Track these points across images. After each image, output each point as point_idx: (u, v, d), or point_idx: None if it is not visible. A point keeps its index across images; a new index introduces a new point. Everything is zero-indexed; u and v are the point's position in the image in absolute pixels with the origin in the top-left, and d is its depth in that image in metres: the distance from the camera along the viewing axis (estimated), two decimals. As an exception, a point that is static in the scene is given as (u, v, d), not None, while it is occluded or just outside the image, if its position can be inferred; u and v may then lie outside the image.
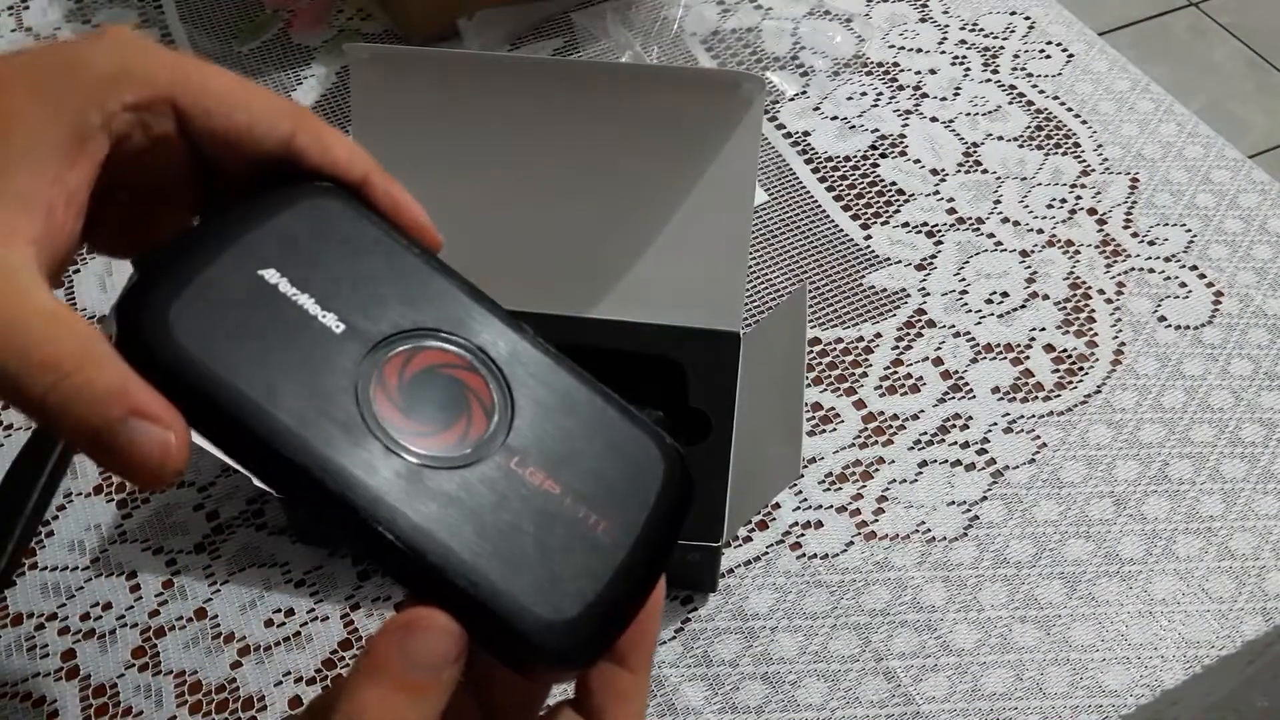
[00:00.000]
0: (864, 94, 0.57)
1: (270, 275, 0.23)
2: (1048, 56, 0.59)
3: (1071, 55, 0.59)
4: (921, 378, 0.46)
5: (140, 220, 0.27)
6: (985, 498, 0.43)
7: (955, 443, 0.44)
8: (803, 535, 0.42)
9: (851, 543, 0.41)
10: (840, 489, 0.43)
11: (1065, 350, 0.47)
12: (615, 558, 0.23)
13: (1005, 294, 0.49)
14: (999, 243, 0.51)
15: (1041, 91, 0.57)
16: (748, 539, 0.41)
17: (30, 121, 0.22)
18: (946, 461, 0.44)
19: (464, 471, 0.23)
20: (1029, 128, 0.56)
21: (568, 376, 0.25)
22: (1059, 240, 0.51)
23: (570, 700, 0.24)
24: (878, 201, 0.53)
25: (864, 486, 0.43)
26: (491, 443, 0.23)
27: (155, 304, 0.22)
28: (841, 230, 0.51)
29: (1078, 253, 0.50)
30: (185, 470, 0.22)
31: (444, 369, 0.24)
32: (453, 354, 0.24)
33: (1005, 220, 0.52)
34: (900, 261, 0.50)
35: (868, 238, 0.51)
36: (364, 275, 0.25)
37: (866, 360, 0.47)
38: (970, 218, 0.52)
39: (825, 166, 0.54)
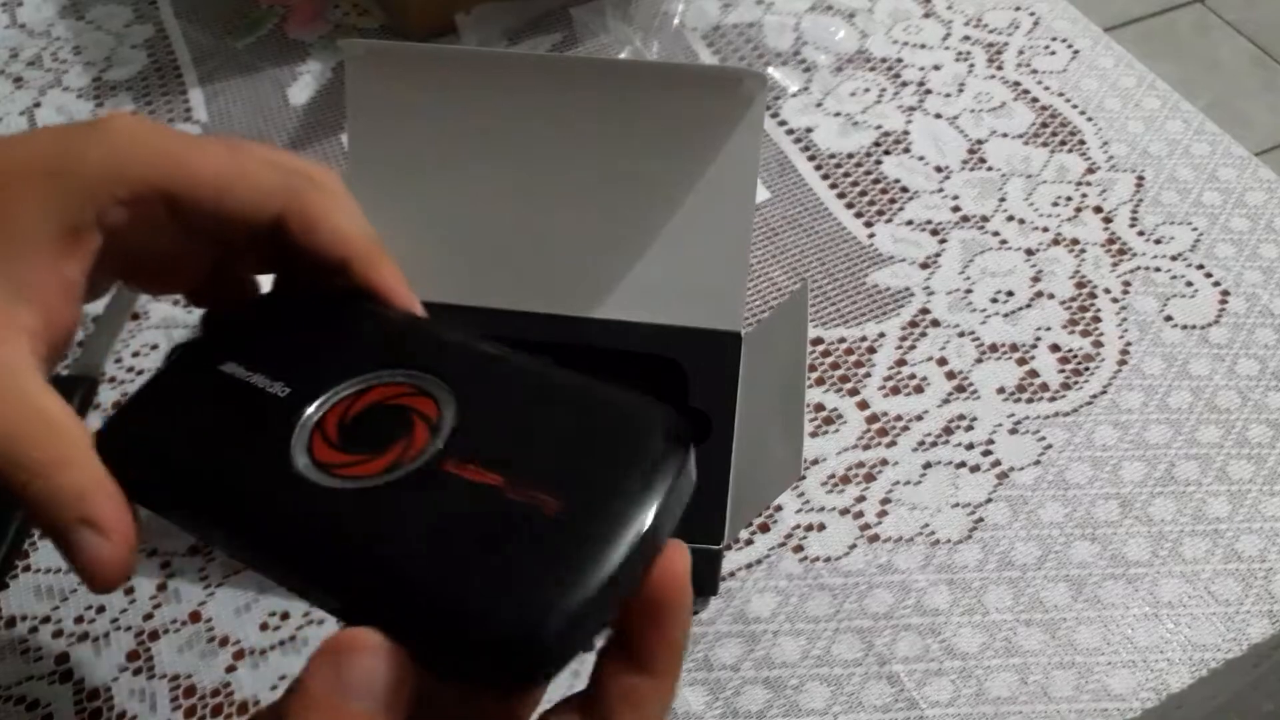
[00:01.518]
0: (867, 90, 0.57)
1: (229, 368, 0.25)
2: (1053, 53, 0.58)
3: (1077, 51, 0.59)
4: (925, 378, 0.46)
5: (167, 268, 0.28)
6: (990, 499, 0.42)
7: (960, 444, 0.44)
8: (805, 538, 0.41)
9: (854, 545, 0.41)
10: (843, 491, 0.42)
11: (1071, 350, 0.47)
12: (577, 538, 0.20)
13: (1010, 293, 0.48)
14: (1004, 241, 0.50)
15: (1046, 88, 0.57)
16: (749, 541, 0.41)
17: (27, 217, 0.24)
18: (951, 463, 0.43)
19: (396, 487, 0.22)
20: (1034, 124, 0.55)
21: (532, 375, 0.24)
22: (1064, 238, 0.50)
23: (579, 695, 0.22)
24: (881, 199, 0.52)
25: (867, 488, 0.42)
26: (427, 455, 0.22)
27: (129, 421, 0.25)
28: (844, 228, 0.51)
29: (1083, 251, 0.50)
30: (124, 580, 0.23)
31: (390, 401, 0.24)
32: (401, 386, 0.24)
33: (1010, 218, 0.51)
34: (904, 260, 0.50)
35: (871, 236, 0.51)
36: (321, 346, 0.25)
37: (870, 360, 0.46)
38: (975, 215, 0.51)
39: (828, 163, 0.54)
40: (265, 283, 0.30)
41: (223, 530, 0.23)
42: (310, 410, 0.24)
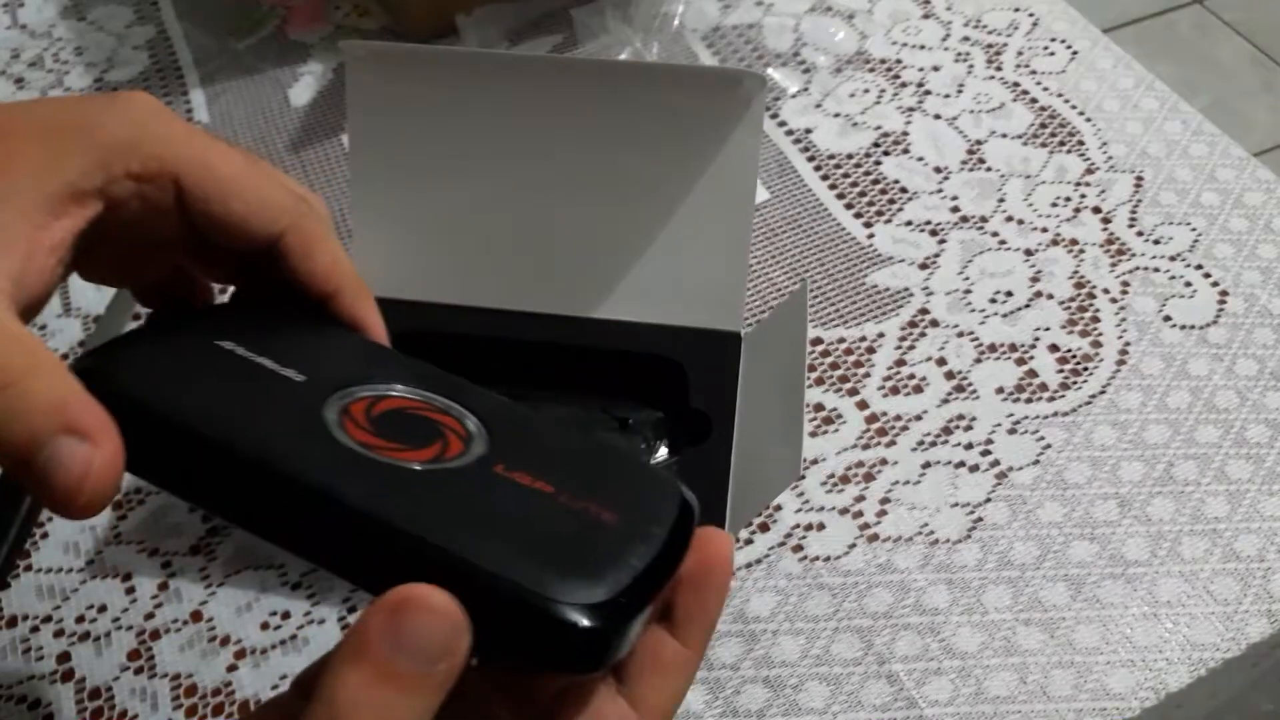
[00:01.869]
0: (866, 91, 0.57)
1: (227, 344, 0.24)
2: (1051, 54, 0.59)
3: (1076, 52, 0.59)
4: (925, 378, 0.46)
5: (133, 259, 0.27)
6: (989, 499, 0.42)
7: (959, 444, 0.44)
8: (804, 537, 0.41)
9: (854, 545, 0.41)
10: (842, 490, 0.42)
11: (1070, 350, 0.47)
12: (631, 541, 0.21)
13: (1009, 293, 0.48)
14: (1003, 241, 0.50)
15: (1045, 89, 0.57)
16: (749, 541, 0.41)
17: (28, 169, 0.23)
18: (950, 463, 0.43)
19: (447, 476, 0.21)
20: (1033, 125, 0.55)
21: (549, 422, 0.24)
22: (1063, 239, 0.50)
23: None
24: (880, 200, 0.52)
25: (866, 488, 0.42)
26: (473, 456, 0.22)
27: (112, 356, 0.23)
28: (844, 228, 0.51)
29: (1082, 251, 0.50)
30: (108, 500, 0.20)
31: (412, 410, 0.23)
32: (421, 402, 0.23)
33: (1009, 219, 0.51)
34: (903, 260, 0.50)
35: (870, 236, 0.51)
36: (325, 348, 0.25)
37: (869, 360, 0.46)
38: (974, 216, 0.51)
39: (827, 164, 0.54)
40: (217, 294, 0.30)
41: (241, 488, 0.21)
42: (334, 400, 0.23)
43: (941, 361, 0.46)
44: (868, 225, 0.51)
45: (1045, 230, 0.51)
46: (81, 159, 0.23)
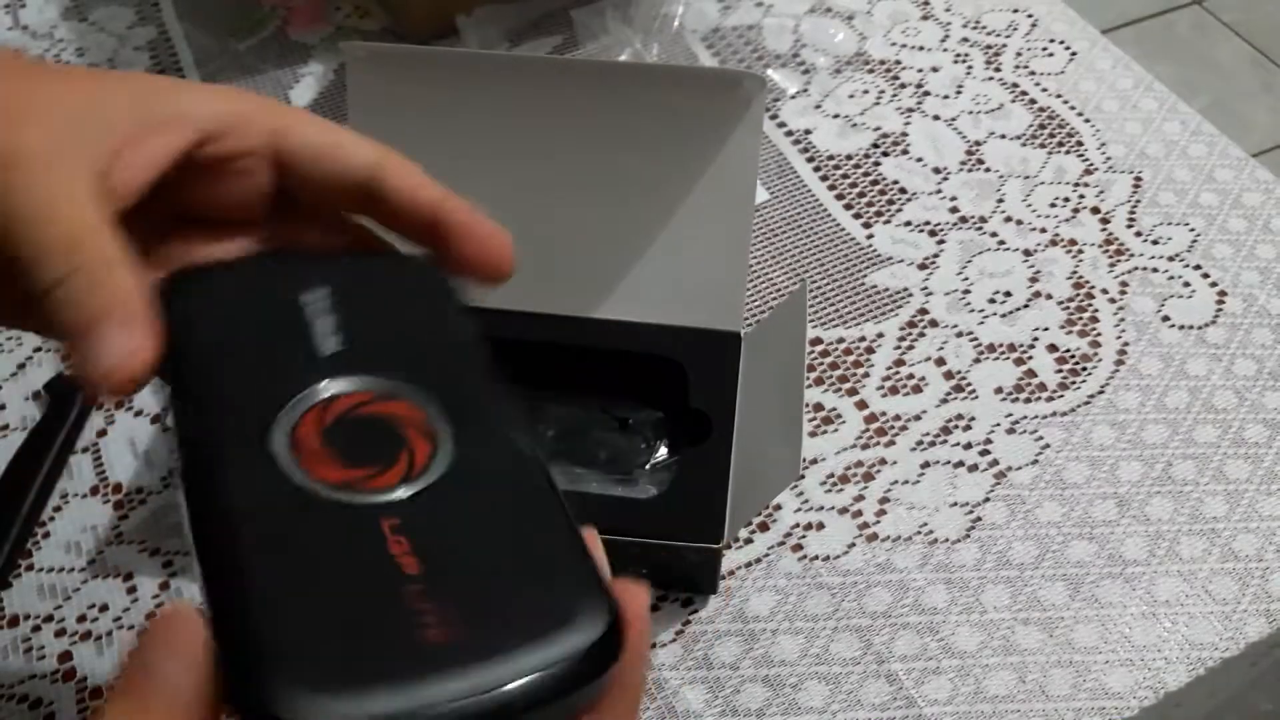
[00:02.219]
0: (866, 92, 0.57)
1: (307, 296, 0.24)
2: (1050, 54, 0.59)
3: (1075, 53, 0.59)
4: (924, 378, 0.46)
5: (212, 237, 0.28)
6: (988, 499, 0.42)
7: (958, 443, 0.44)
8: (804, 537, 0.41)
9: (853, 544, 0.41)
10: (842, 490, 0.42)
11: (1068, 350, 0.47)
12: (430, 672, 0.18)
13: (1008, 293, 0.49)
14: (1002, 242, 0.51)
15: (1044, 90, 0.57)
16: (748, 540, 0.41)
17: (127, 90, 0.25)
18: (949, 462, 0.43)
19: (333, 509, 0.20)
20: (1032, 126, 0.55)
21: (535, 490, 0.22)
22: (1062, 239, 0.51)
23: None
24: (879, 200, 0.52)
25: (866, 488, 0.43)
26: (393, 495, 0.20)
27: (200, 278, 0.25)
28: (843, 229, 0.51)
29: (1081, 252, 0.50)
30: (132, 391, 0.22)
31: (389, 421, 0.22)
32: (420, 414, 0.22)
33: (1008, 219, 0.51)
34: (902, 260, 0.50)
35: (869, 236, 0.51)
36: (393, 323, 0.25)
37: (868, 360, 0.46)
38: (973, 216, 0.51)
39: (827, 165, 0.54)
40: None
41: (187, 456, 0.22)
42: (331, 383, 0.22)
43: (940, 361, 0.46)
44: (867, 226, 0.51)
45: (1044, 231, 0.51)
46: (178, 95, 0.25)
